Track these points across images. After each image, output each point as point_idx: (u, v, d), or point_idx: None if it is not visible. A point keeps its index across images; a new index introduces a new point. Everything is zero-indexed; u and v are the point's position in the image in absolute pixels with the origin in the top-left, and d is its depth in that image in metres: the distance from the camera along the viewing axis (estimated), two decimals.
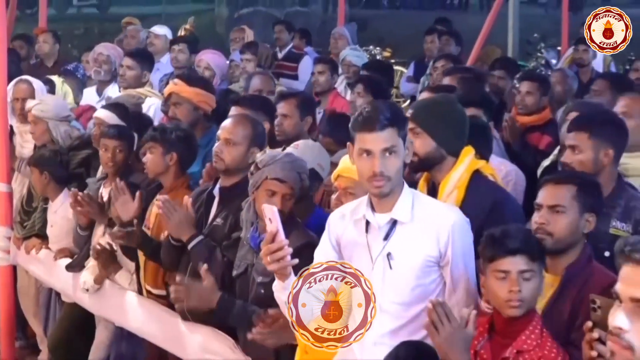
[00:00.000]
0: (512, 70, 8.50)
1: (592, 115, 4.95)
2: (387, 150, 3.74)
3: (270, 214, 3.55)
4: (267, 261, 3.56)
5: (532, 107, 7.19)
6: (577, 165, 4.53)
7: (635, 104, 5.52)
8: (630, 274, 2.21)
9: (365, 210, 3.85)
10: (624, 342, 2.20)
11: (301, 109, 6.30)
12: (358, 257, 3.84)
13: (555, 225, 3.84)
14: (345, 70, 9.30)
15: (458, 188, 4.35)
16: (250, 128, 5.12)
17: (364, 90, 7.15)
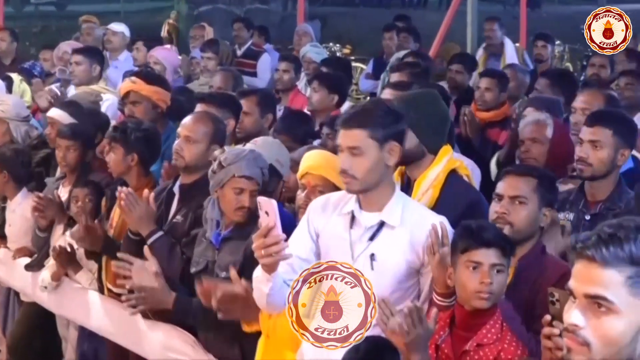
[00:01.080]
0: (469, 65, 8.55)
1: (614, 112, 4.94)
2: (351, 149, 3.73)
3: (268, 207, 3.47)
4: (260, 254, 3.49)
5: (491, 103, 7.24)
6: (594, 161, 4.52)
7: (594, 99, 5.57)
8: (583, 271, 2.23)
9: (353, 207, 3.83)
10: (579, 338, 2.22)
11: (261, 106, 6.31)
12: (337, 252, 3.81)
13: (515, 215, 3.88)
14: (305, 67, 9.30)
15: (434, 187, 4.35)
16: (211, 125, 5.10)
17: (319, 86, 7.17)
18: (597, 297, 2.20)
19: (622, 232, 2.20)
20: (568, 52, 15.54)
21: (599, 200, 4.57)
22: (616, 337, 2.20)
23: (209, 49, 9.36)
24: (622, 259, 2.18)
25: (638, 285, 2.18)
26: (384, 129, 3.74)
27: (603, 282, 2.19)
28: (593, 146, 4.54)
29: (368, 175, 3.74)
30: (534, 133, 5.34)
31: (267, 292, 3.65)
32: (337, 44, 16.02)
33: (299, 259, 3.83)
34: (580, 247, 2.23)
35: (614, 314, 2.19)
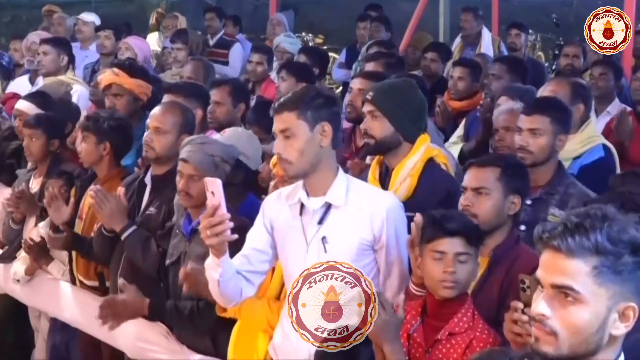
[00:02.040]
0: (444, 54, 8.56)
1: (552, 100, 5.01)
2: (283, 132, 3.76)
3: (213, 186, 3.47)
4: (205, 235, 3.49)
5: (463, 92, 7.26)
6: (535, 148, 4.60)
7: (561, 88, 5.60)
8: (550, 261, 2.24)
9: (301, 194, 3.85)
10: (547, 328, 2.23)
11: (234, 96, 6.28)
12: (292, 240, 3.86)
13: (479, 207, 3.90)
14: (279, 57, 9.29)
15: (411, 176, 4.36)
16: (180, 115, 5.09)
17: (287, 75, 7.17)
18: (563, 287, 2.21)
19: (589, 221, 2.20)
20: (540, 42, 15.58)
21: (539, 185, 4.63)
22: (583, 327, 2.21)
23: (178, 39, 9.32)
24: (587, 248, 2.18)
25: (603, 275, 2.18)
26: (313, 110, 3.75)
27: (569, 272, 2.20)
28: (532, 134, 4.63)
29: (301, 157, 3.75)
30: (508, 122, 5.35)
31: (217, 278, 3.65)
32: (309, 34, 15.99)
33: (256, 251, 3.89)
34: (547, 238, 2.23)
35: (581, 304, 2.20)
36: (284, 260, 3.95)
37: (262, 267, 3.94)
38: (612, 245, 2.18)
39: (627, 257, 2.18)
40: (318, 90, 3.90)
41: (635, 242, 2.19)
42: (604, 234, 2.18)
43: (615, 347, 2.27)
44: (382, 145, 4.39)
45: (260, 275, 3.94)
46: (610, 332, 2.23)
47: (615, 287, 2.19)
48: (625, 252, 2.18)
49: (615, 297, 2.20)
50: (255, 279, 3.90)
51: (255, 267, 3.90)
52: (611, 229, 2.19)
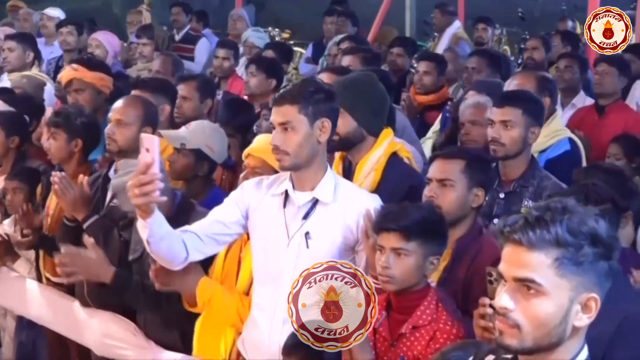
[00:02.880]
0: (410, 48, 8.58)
1: (523, 92, 5.02)
2: (282, 125, 3.75)
3: (149, 143, 3.39)
4: (134, 193, 3.43)
5: (429, 87, 7.28)
6: (507, 140, 4.62)
7: (527, 81, 5.63)
8: (511, 254, 2.25)
9: (287, 186, 3.84)
10: (510, 321, 2.24)
11: (201, 91, 6.29)
12: (272, 232, 3.85)
13: (443, 198, 3.92)
14: (247, 52, 9.28)
15: (375, 170, 4.37)
16: (141, 108, 5.09)
17: (257, 70, 7.16)
18: (525, 280, 2.22)
19: (549, 214, 2.22)
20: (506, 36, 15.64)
21: (512, 178, 4.67)
22: (546, 319, 2.22)
23: (144, 34, 9.29)
24: (548, 241, 2.20)
25: (564, 267, 2.20)
26: (314, 105, 3.75)
27: (531, 265, 2.22)
28: (504, 126, 4.64)
29: (299, 151, 3.75)
30: (474, 115, 5.38)
31: (146, 238, 3.63)
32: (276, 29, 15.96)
33: (219, 223, 3.88)
34: (508, 232, 2.25)
35: (543, 296, 2.21)
36: (260, 251, 3.93)
37: (221, 239, 3.93)
38: (572, 237, 2.20)
39: (587, 248, 2.21)
40: (319, 85, 3.88)
41: (595, 233, 2.22)
42: (564, 226, 2.20)
43: (578, 339, 2.29)
44: (346, 140, 4.39)
45: (215, 245, 3.93)
46: (573, 324, 2.25)
47: (577, 278, 2.21)
48: (585, 244, 2.20)
49: (577, 289, 2.22)
50: (208, 247, 3.89)
51: (213, 237, 3.89)
52: (571, 221, 2.21)
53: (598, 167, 4.46)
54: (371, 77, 4.65)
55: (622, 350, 3.15)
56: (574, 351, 2.29)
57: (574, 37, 9.98)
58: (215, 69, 8.76)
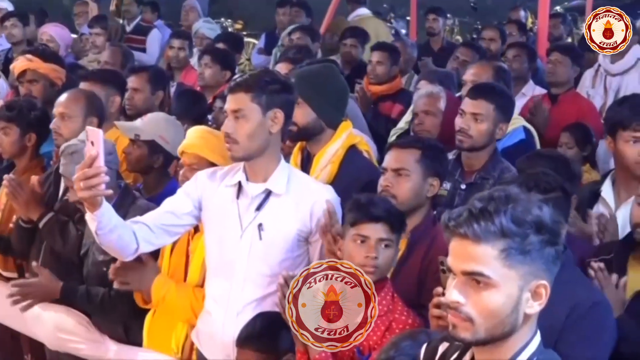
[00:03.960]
0: (362, 38, 8.58)
1: (499, 88, 5.03)
2: (235, 113, 3.74)
3: (94, 136, 3.37)
4: (79, 187, 3.40)
5: (382, 77, 7.29)
6: (475, 133, 4.65)
7: (483, 71, 5.66)
8: (458, 248, 2.26)
9: (240, 177, 3.83)
10: (462, 314, 2.25)
11: (152, 83, 6.26)
12: (225, 224, 3.84)
13: (398, 188, 3.93)
14: (198, 43, 9.24)
15: (332, 163, 4.37)
16: (84, 99, 5.10)
17: (212, 62, 7.14)
18: (473, 273, 2.23)
19: (492, 205, 2.22)
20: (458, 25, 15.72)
21: (474, 170, 4.71)
22: (497, 310, 2.24)
23: (97, 24, 9.23)
24: (493, 233, 2.20)
25: (511, 257, 2.21)
26: (268, 95, 3.74)
27: (478, 258, 2.22)
28: (474, 119, 4.68)
29: (250, 140, 3.74)
30: (427, 106, 5.40)
31: (95, 230, 3.62)
32: (228, 20, 15.92)
33: (171, 214, 3.87)
34: (453, 226, 2.25)
35: (493, 288, 2.22)
36: (214, 243, 3.92)
37: (172, 230, 3.91)
38: (517, 227, 2.20)
39: (533, 236, 2.21)
40: (276, 76, 3.88)
41: (539, 221, 2.22)
42: (508, 216, 2.20)
43: (530, 325, 2.31)
44: (304, 131, 4.38)
45: (166, 237, 3.91)
46: (525, 311, 2.26)
47: (525, 267, 2.22)
48: (531, 232, 2.21)
49: (525, 277, 2.23)
50: (158, 239, 3.87)
51: (165, 228, 3.87)
52: (515, 211, 2.21)
53: (540, 154, 4.49)
54: (332, 69, 4.65)
55: (573, 335, 3.20)
56: (526, 338, 2.31)
57: (525, 27, 10.05)
58: (170, 59, 8.70)
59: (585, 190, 4.69)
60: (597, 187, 4.57)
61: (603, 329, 3.30)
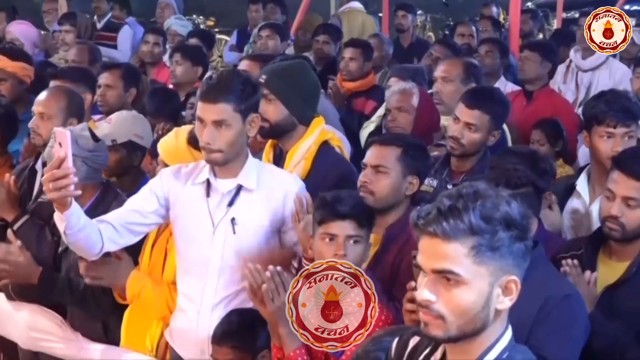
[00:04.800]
0: (334, 35, 8.58)
1: (497, 96, 4.99)
2: (217, 123, 3.71)
3: (61, 137, 3.38)
4: (48, 188, 3.42)
5: (356, 73, 7.29)
6: (467, 142, 4.65)
7: (454, 68, 5.67)
8: (428, 247, 2.26)
9: (207, 175, 3.83)
10: (433, 312, 2.26)
11: (125, 80, 6.24)
12: (196, 222, 3.84)
13: (377, 184, 3.92)
14: (170, 40, 9.21)
15: (306, 159, 4.35)
16: (65, 99, 5.02)
17: (183, 59, 7.13)
18: (444, 271, 2.24)
19: (461, 202, 2.22)
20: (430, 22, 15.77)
21: (462, 171, 4.72)
22: (468, 307, 2.24)
23: (66, 21, 9.18)
24: (463, 230, 2.21)
25: (481, 254, 2.21)
26: (245, 101, 3.74)
27: (448, 256, 2.22)
28: (468, 128, 4.67)
29: (232, 147, 3.75)
30: (400, 102, 5.40)
31: (64, 230, 3.62)
32: (200, 16, 15.89)
33: (136, 213, 3.87)
34: (422, 224, 2.25)
35: (463, 285, 2.23)
36: (183, 241, 3.92)
37: (137, 229, 3.91)
38: (486, 224, 2.20)
39: (502, 233, 2.22)
40: (245, 78, 3.85)
41: (508, 217, 2.23)
42: (477, 213, 2.20)
43: (502, 321, 2.32)
44: (276, 128, 4.37)
45: (131, 236, 3.90)
46: (496, 307, 2.27)
47: (495, 263, 2.22)
48: (500, 229, 2.21)
49: (495, 273, 2.24)
50: (123, 239, 3.87)
51: (129, 227, 3.87)
52: (484, 207, 2.21)
53: (511, 151, 4.50)
54: (304, 66, 4.64)
55: (545, 327, 3.22)
56: (498, 333, 2.32)
57: (499, 23, 10.09)
58: (144, 55, 8.66)
59: (561, 184, 4.73)
60: (573, 181, 4.60)
61: (575, 321, 3.33)
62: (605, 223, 3.70)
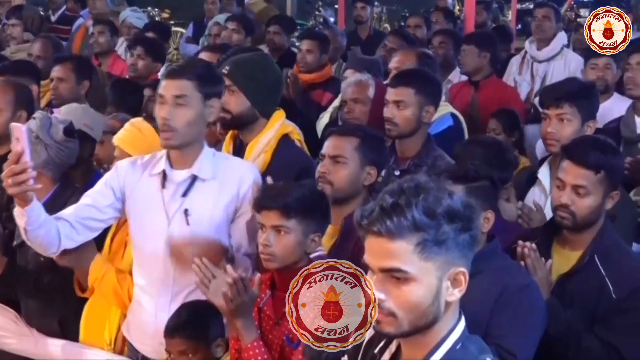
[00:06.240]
0: (286, 26, 8.57)
1: (417, 71, 5.07)
2: (177, 98, 3.71)
3: (18, 133, 3.39)
4: (7, 184, 3.41)
5: (312, 65, 7.28)
6: (400, 120, 4.67)
7: (407, 59, 5.69)
8: (373, 246, 2.26)
9: (164, 166, 3.81)
10: (384, 310, 2.26)
11: (77, 72, 6.20)
12: (151, 214, 3.83)
13: (335, 174, 3.93)
14: (125, 33, 9.14)
15: (266, 152, 4.35)
16: (12, 92, 5.01)
17: (145, 54, 7.09)
18: (391, 269, 2.23)
19: (403, 198, 2.21)
20: (386, 13, 15.80)
21: (408, 157, 4.74)
22: (418, 302, 2.24)
23: (12, 15, 9.10)
24: (407, 228, 2.20)
25: (427, 249, 2.21)
26: (208, 84, 3.75)
27: (394, 254, 2.22)
28: (397, 106, 4.71)
29: (188, 128, 3.73)
30: (356, 93, 5.41)
31: (24, 226, 3.61)
32: (155, 9, 15.81)
33: (93, 208, 3.85)
34: (366, 224, 2.24)
35: (412, 281, 2.23)
36: (139, 233, 3.90)
37: (94, 225, 3.89)
38: (429, 219, 2.19)
39: (446, 226, 2.21)
40: (212, 66, 3.90)
41: (451, 210, 2.22)
42: (419, 209, 2.19)
43: (453, 312, 2.32)
44: (238, 120, 4.37)
45: (88, 232, 3.88)
46: (446, 300, 2.27)
47: (441, 257, 2.22)
48: (444, 222, 2.20)
49: (443, 267, 2.23)
50: (80, 235, 3.85)
51: (86, 223, 3.85)
52: (426, 202, 2.20)
53: (477, 141, 4.54)
54: (267, 58, 4.65)
55: (503, 317, 3.24)
56: (450, 325, 2.32)
57: (453, 14, 10.12)
58: (93, 46, 8.58)
59: (525, 174, 4.76)
60: (536, 170, 4.64)
61: (533, 310, 3.35)
62: (556, 212, 3.72)
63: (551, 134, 4.45)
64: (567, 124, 4.43)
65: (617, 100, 6.26)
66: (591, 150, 3.68)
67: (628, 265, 3.65)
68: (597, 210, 3.67)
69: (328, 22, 13.25)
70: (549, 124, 4.45)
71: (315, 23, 14.19)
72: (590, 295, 3.58)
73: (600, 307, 3.56)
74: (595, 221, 3.69)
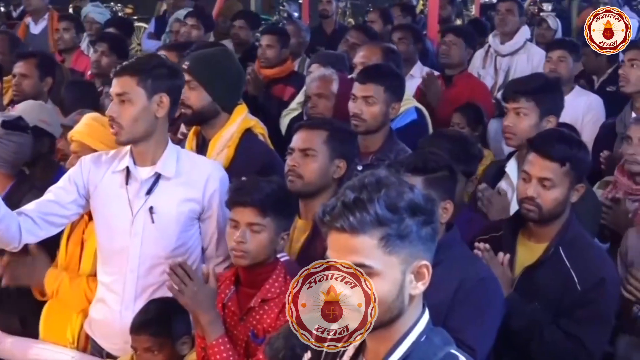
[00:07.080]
0: (251, 21, 8.54)
1: (387, 68, 5.06)
2: (120, 96, 3.71)
3: None
4: None
5: (273, 60, 7.25)
6: (368, 116, 4.69)
7: (372, 53, 5.70)
8: (337, 242, 2.26)
9: (127, 163, 3.79)
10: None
11: (41, 69, 6.16)
12: (115, 210, 3.81)
13: (305, 168, 3.92)
14: (88, 28, 9.07)
15: (229, 147, 4.34)
16: None
17: (110, 51, 7.02)
18: (355, 265, 2.24)
19: (365, 193, 2.20)
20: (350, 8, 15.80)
21: (370, 151, 4.74)
22: (383, 297, 2.24)
23: None
24: (370, 223, 2.19)
25: (391, 244, 2.20)
26: (154, 79, 3.73)
27: (358, 249, 2.22)
28: (366, 102, 4.73)
29: (134, 124, 3.72)
30: (320, 89, 5.40)
31: None
32: (118, 4, 15.72)
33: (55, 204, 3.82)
34: (329, 220, 2.24)
35: (376, 276, 2.23)
36: (104, 231, 3.88)
37: (57, 221, 3.87)
38: (392, 214, 2.19)
39: (409, 220, 2.20)
40: (163, 61, 3.87)
41: (413, 203, 2.21)
42: (381, 203, 2.18)
43: (417, 305, 2.32)
44: (199, 115, 4.35)
45: (51, 228, 3.86)
46: (410, 293, 2.26)
47: (405, 251, 2.22)
48: (406, 216, 2.20)
49: (407, 260, 2.23)
50: (42, 231, 3.82)
51: (49, 219, 3.82)
52: (388, 197, 2.19)
53: (442, 134, 4.55)
54: (228, 53, 4.64)
55: (461, 309, 3.25)
56: (414, 318, 2.32)
57: (413, 8, 10.12)
58: (57, 42, 8.50)
59: (493, 167, 4.78)
60: (504, 165, 4.66)
61: (489, 302, 3.37)
62: (522, 204, 3.74)
63: (508, 127, 4.52)
64: (523, 118, 4.48)
65: (578, 93, 6.30)
66: (557, 143, 3.71)
67: (592, 257, 3.68)
68: (563, 202, 3.70)
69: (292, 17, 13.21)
70: (506, 117, 4.50)
71: (279, 18, 14.15)
72: (555, 287, 3.60)
73: (565, 298, 3.58)
74: (561, 214, 3.72)
